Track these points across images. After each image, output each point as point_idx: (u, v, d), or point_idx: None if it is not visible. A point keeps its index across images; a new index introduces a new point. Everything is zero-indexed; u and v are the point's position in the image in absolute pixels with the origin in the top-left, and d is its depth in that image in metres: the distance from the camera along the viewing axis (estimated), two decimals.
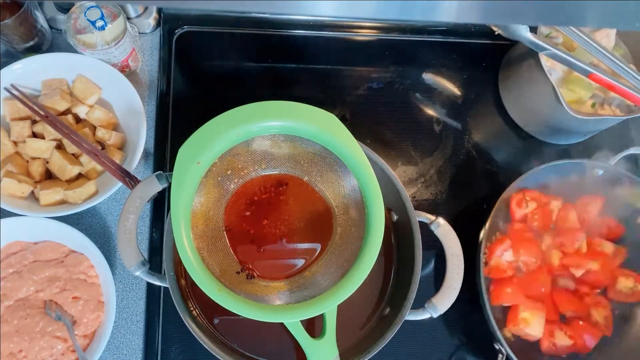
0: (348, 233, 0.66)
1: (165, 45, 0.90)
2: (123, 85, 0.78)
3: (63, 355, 0.70)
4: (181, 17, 0.93)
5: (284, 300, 0.62)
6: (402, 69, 0.96)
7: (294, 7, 0.35)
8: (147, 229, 0.80)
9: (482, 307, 0.76)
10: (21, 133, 0.75)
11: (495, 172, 0.92)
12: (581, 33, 0.77)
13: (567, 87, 0.85)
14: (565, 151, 0.94)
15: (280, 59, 0.94)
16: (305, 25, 0.96)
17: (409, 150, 0.91)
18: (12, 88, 0.75)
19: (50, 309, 0.70)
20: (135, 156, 0.75)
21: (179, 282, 0.70)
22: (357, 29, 0.98)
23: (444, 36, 0.99)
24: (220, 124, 0.59)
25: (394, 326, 0.68)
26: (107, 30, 0.75)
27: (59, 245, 0.74)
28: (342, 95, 0.93)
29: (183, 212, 0.58)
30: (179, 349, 0.76)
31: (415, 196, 0.89)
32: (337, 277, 0.61)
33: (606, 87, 0.78)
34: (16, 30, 0.77)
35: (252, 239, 0.68)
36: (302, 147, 0.65)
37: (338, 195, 0.67)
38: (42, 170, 0.75)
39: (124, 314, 0.76)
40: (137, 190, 0.65)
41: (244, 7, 0.35)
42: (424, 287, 0.70)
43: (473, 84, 0.97)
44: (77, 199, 0.73)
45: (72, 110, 0.78)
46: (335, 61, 0.95)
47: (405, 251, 0.74)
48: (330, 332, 0.64)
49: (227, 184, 0.67)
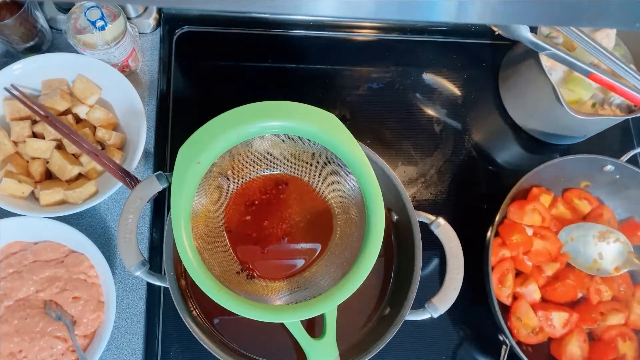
0: (348, 233, 0.66)
1: (165, 46, 0.90)
2: (123, 85, 0.78)
3: (63, 355, 0.70)
4: (181, 17, 0.93)
5: (284, 300, 0.62)
6: (402, 69, 0.96)
7: (294, 7, 0.35)
8: (147, 229, 0.80)
9: (488, 297, 0.76)
10: (21, 133, 0.75)
11: (496, 172, 0.92)
12: (581, 33, 0.77)
13: (567, 87, 0.85)
14: (565, 151, 0.94)
15: (280, 59, 0.94)
16: (305, 25, 0.96)
17: (409, 150, 0.91)
18: (12, 88, 0.75)
19: (50, 309, 0.70)
20: (135, 156, 0.75)
21: (179, 282, 0.70)
22: (357, 29, 0.98)
23: (444, 36, 0.99)
24: (220, 124, 0.59)
25: (394, 326, 0.68)
26: (107, 30, 0.75)
27: (59, 245, 0.74)
28: (342, 95, 0.93)
29: (183, 212, 0.58)
30: (179, 349, 0.76)
31: (416, 196, 0.89)
32: (337, 277, 0.61)
33: (606, 87, 0.78)
34: (16, 30, 0.77)
35: (252, 239, 0.67)
36: (302, 147, 0.65)
37: (338, 195, 0.67)
38: (42, 170, 0.75)
39: (124, 314, 0.76)
40: (137, 190, 0.65)
41: (244, 7, 0.35)
42: (424, 287, 0.70)
43: (473, 84, 0.97)
44: (77, 199, 0.73)
45: (72, 110, 0.78)
46: (335, 61, 0.95)
47: (406, 251, 0.74)
48: (330, 332, 0.64)
49: (227, 184, 0.67)
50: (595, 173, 0.83)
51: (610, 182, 0.84)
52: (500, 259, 0.79)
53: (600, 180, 0.84)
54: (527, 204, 0.79)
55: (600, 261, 0.80)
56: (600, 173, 0.83)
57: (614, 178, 0.83)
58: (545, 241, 0.80)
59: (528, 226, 0.79)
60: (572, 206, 0.85)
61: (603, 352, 0.78)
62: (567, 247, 0.81)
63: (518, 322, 0.77)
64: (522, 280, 0.79)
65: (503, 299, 0.78)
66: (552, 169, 0.79)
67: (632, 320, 0.80)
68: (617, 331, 0.79)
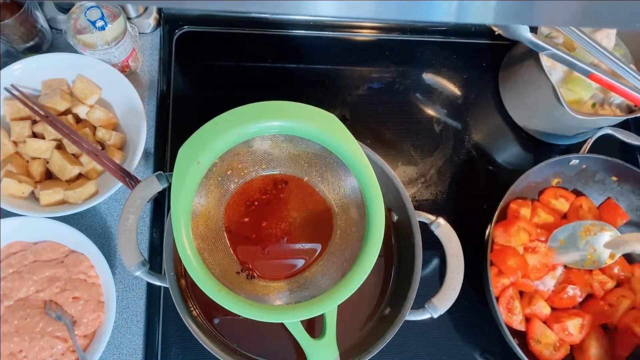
0: (348, 233, 0.66)
1: (165, 46, 0.90)
2: (123, 85, 0.78)
3: (63, 355, 0.70)
4: (181, 17, 0.93)
5: (284, 300, 0.62)
6: (402, 69, 0.96)
7: (294, 7, 0.35)
8: (147, 229, 0.80)
9: (487, 296, 0.76)
10: (21, 133, 0.75)
11: (496, 172, 0.92)
12: (581, 33, 0.77)
13: (567, 87, 0.85)
14: (565, 151, 0.94)
15: (280, 59, 0.94)
16: (305, 25, 0.96)
17: (409, 150, 0.91)
18: (12, 88, 0.75)
19: (50, 309, 0.70)
20: (135, 156, 0.75)
21: (179, 282, 0.70)
22: (357, 29, 0.98)
23: (444, 36, 0.99)
24: (220, 124, 0.59)
25: (394, 326, 0.68)
26: (107, 30, 0.75)
27: (59, 245, 0.74)
28: (342, 95, 0.93)
29: (183, 212, 0.58)
30: (179, 349, 0.76)
31: (416, 196, 0.89)
32: (337, 277, 0.61)
33: (606, 87, 0.78)
34: (16, 30, 0.77)
35: (252, 239, 0.67)
36: (302, 147, 0.65)
37: (338, 195, 0.67)
38: (42, 170, 0.75)
39: (124, 314, 0.76)
40: (137, 190, 0.65)
41: (244, 7, 0.35)
42: (424, 287, 0.70)
43: (473, 84, 0.97)
44: (77, 199, 0.73)
45: (72, 110, 0.78)
46: (335, 61, 0.95)
47: (406, 251, 0.74)
48: (330, 332, 0.64)
49: (227, 184, 0.67)
50: (564, 169, 0.85)
51: (579, 173, 0.86)
52: (502, 288, 0.79)
53: (569, 173, 0.86)
54: (511, 225, 0.79)
55: (594, 254, 0.81)
56: (568, 167, 0.84)
57: (581, 168, 0.85)
58: (538, 254, 0.80)
59: (518, 246, 0.80)
60: (551, 208, 0.85)
61: (624, 342, 0.78)
62: (559, 252, 0.81)
63: (538, 345, 0.77)
64: (529, 300, 0.79)
65: (517, 326, 0.78)
66: (523, 180, 0.80)
67: (639, 301, 0.81)
68: (631, 317, 0.80)
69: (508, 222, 0.81)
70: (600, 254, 0.81)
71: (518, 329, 0.78)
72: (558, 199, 0.86)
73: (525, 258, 0.79)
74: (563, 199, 0.86)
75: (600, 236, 0.81)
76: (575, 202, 0.86)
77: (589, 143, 0.83)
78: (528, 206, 0.83)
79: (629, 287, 0.82)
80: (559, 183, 0.87)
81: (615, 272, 0.82)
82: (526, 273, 0.79)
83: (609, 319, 0.80)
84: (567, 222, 0.83)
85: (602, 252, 0.81)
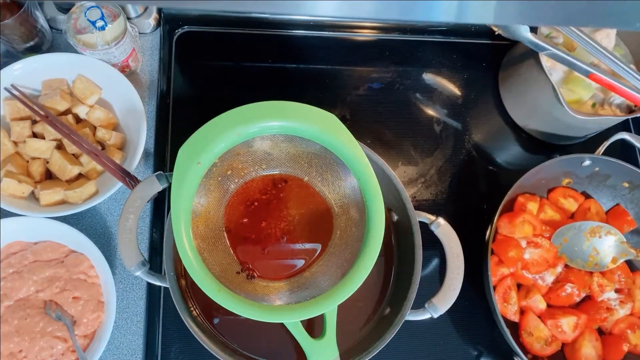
0: (348, 233, 0.66)
1: (165, 46, 0.90)
2: (123, 85, 0.78)
3: (63, 355, 0.70)
4: (181, 17, 0.93)
5: (284, 300, 0.62)
6: (402, 69, 0.96)
7: (294, 7, 0.35)
8: (147, 229, 0.80)
9: (487, 297, 0.76)
10: (21, 133, 0.75)
11: (496, 172, 0.92)
12: (581, 33, 0.77)
13: (567, 87, 0.85)
14: (565, 151, 0.94)
15: (280, 59, 0.94)
16: (305, 25, 0.96)
17: (409, 150, 0.91)
18: (12, 88, 0.75)
19: (50, 309, 0.70)
20: (135, 156, 0.75)
21: (179, 282, 0.70)
22: (357, 29, 0.98)
23: (444, 36, 0.99)
24: (220, 124, 0.59)
25: (394, 326, 0.68)
26: (107, 31, 0.75)
27: (59, 245, 0.74)
28: (342, 95, 0.93)
29: (183, 212, 0.58)
30: (179, 349, 0.76)
31: (416, 196, 0.89)
32: (337, 278, 0.61)
33: (606, 87, 0.78)
34: (16, 30, 0.77)
35: (252, 239, 0.67)
36: (302, 147, 0.65)
37: (338, 195, 0.67)
38: (42, 170, 0.75)
39: (124, 314, 0.76)
40: (137, 190, 0.65)
41: (244, 7, 0.35)
42: (424, 287, 0.70)
43: (473, 84, 0.97)
44: (77, 199, 0.73)
45: (72, 110, 0.78)
46: (335, 61, 0.95)
47: (406, 251, 0.74)
48: (330, 332, 0.64)
49: (228, 184, 0.67)
50: (576, 169, 0.84)
51: (591, 175, 0.85)
52: (500, 277, 0.79)
53: (581, 175, 0.85)
54: (516, 216, 0.79)
55: (597, 256, 0.81)
56: (580, 168, 0.84)
57: (594, 170, 0.84)
58: (540, 249, 0.80)
59: (521, 238, 0.80)
60: (558, 207, 0.85)
61: (616, 347, 0.78)
62: (562, 250, 0.81)
63: (530, 337, 0.77)
64: (525, 293, 0.79)
65: (510, 317, 0.78)
66: (534, 175, 0.80)
67: (637, 309, 0.81)
68: (626, 323, 0.80)
69: (514, 214, 0.80)
70: (602, 258, 0.81)
71: (512, 319, 0.78)
72: (567, 198, 0.86)
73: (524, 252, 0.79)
74: (572, 199, 0.86)
75: (605, 239, 0.81)
76: (583, 204, 0.86)
77: (604, 146, 0.82)
78: (536, 201, 0.83)
79: (629, 293, 0.82)
80: (570, 184, 0.87)
81: (616, 278, 0.82)
82: (526, 264, 0.79)
83: (605, 322, 0.80)
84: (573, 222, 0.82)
85: (604, 255, 0.81)
